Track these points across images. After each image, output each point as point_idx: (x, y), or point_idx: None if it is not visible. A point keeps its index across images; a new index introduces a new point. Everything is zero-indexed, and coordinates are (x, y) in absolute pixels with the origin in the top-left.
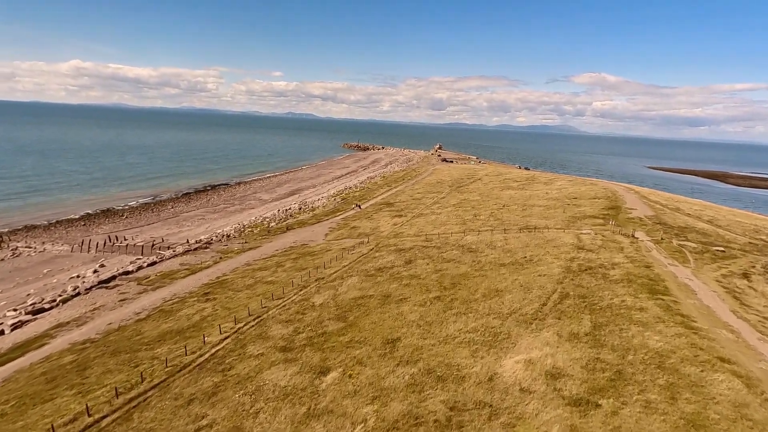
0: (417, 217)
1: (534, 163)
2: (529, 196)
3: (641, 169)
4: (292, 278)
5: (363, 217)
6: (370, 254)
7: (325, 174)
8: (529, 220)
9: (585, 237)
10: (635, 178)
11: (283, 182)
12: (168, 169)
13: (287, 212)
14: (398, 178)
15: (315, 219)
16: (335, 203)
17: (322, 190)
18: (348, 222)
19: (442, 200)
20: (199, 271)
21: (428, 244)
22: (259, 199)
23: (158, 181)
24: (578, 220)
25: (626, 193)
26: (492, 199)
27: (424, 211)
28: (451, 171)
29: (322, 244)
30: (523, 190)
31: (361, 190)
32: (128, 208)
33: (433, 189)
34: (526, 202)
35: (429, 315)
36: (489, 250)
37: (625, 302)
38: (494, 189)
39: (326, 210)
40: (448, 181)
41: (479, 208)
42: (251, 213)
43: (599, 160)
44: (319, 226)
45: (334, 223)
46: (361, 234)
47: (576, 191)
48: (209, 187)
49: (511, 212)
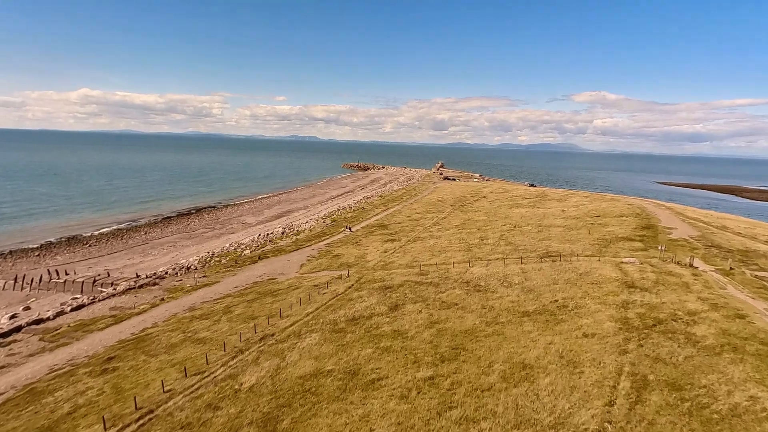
0: (412, 241)
1: (539, 180)
2: (544, 215)
3: (650, 184)
4: (233, 333)
5: (350, 243)
6: (347, 294)
7: (320, 194)
8: (549, 245)
9: (629, 268)
10: (647, 193)
11: (273, 204)
12: (156, 192)
13: (268, 237)
14: (396, 198)
15: (295, 245)
16: (323, 226)
17: (314, 211)
18: (332, 249)
19: (443, 221)
20: (126, 320)
21: (423, 278)
22: (243, 222)
23: (142, 204)
24: (610, 243)
25: (657, 209)
26: (500, 218)
27: (421, 234)
28: (453, 189)
29: (292, 278)
30: (534, 207)
31: (354, 210)
32: (97, 235)
33: (433, 208)
34: (540, 222)
35: (413, 421)
36: (503, 288)
37: (758, 400)
38: (502, 207)
39: (311, 234)
40: (450, 199)
41: (486, 229)
42: (229, 238)
43: (606, 177)
44: (297, 253)
45: (316, 250)
46: (343, 264)
47: (597, 208)
48: (194, 210)
49: (525, 234)
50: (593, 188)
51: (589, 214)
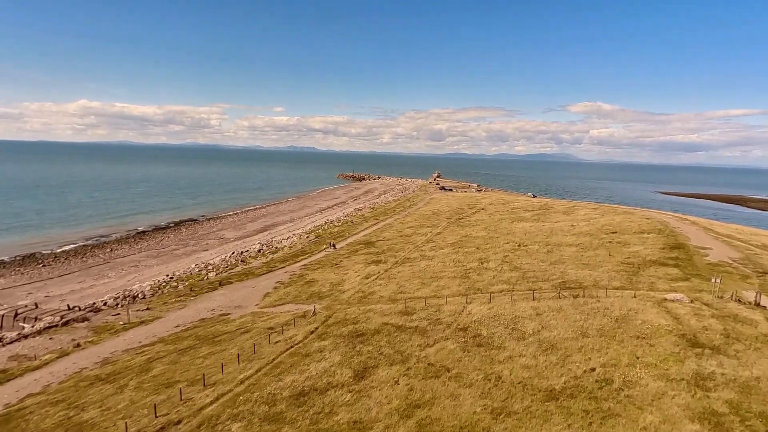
0: (400, 264)
1: (538, 190)
2: (551, 231)
3: (652, 194)
4: (128, 415)
5: (329, 265)
6: (305, 345)
7: (310, 206)
8: (564, 270)
9: (680, 310)
10: (650, 203)
11: (259, 217)
12: (138, 206)
13: (242, 256)
14: (389, 210)
15: (268, 267)
16: (306, 242)
17: (299, 225)
18: (307, 272)
19: (437, 237)
20: (14, 379)
21: (407, 320)
22: (221, 237)
23: (119, 219)
24: (639, 269)
25: (680, 224)
26: (502, 234)
27: (411, 254)
28: (449, 200)
29: (248, 315)
30: (539, 221)
31: (342, 224)
32: (58, 253)
33: (427, 222)
34: (548, 240)
35: None
36: (513, 341)
37: None
38: (503, 221)
39: (290, 252)
40: (446, 211)
41: (486, 249)
42: (199, 257)
43: (606, 186)
44: (267, 278)
45: (289, 273)
46: (314, 295)
47: (611, 223)
48: (173, 225)
49: (532, 255)
50: (595, 198)
51: (603, 230)
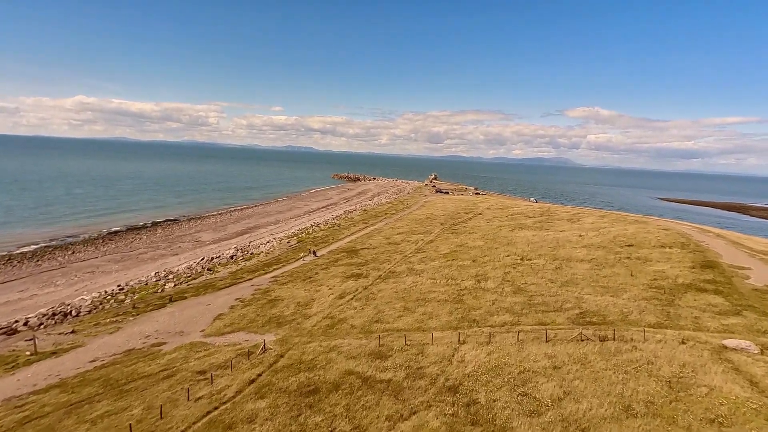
0: (383, 279)
1: (536, 194)
2: (557, 241)
3: (653, 200)
4: None
5: (301, 278)
6: (232, 409)
7: (299, 207)
8: (580, 295)
9: (752, 367)
10: (652, 210)
11: (243, 218)
12: (118, 204)
13: (211, 262)
14: (380, 213)
15: (234, 277)
16: (285, 248)
17: (284, 228)
18: (274, 286)
19: (428, 246)
20: None
21: (378, 371)
22: (197, 240)
23: (94, 217)
24: (673, 296)
25: (704, 236)
26: (501, 245)
27: (397, 267)
28: (445, 203)
29: (184, 347)
30: (543, 230)
31: (329, 228)
32: (13, 254)
33: (419, 227)
34: (555, 253)
35: None
36: (523, 418)
37: None
38: (502, 228)
39: (265, 259)
40: (441, 216)
41: (484, 262)
42: (165, 263)
43: (605, 192)
44: (226, 293)
45: (255, 287)
46: (273, 320)
47: (624, 233)
48: (150, 225)
49: (539, 273)
50: (595, 204)
51: (617, 242)
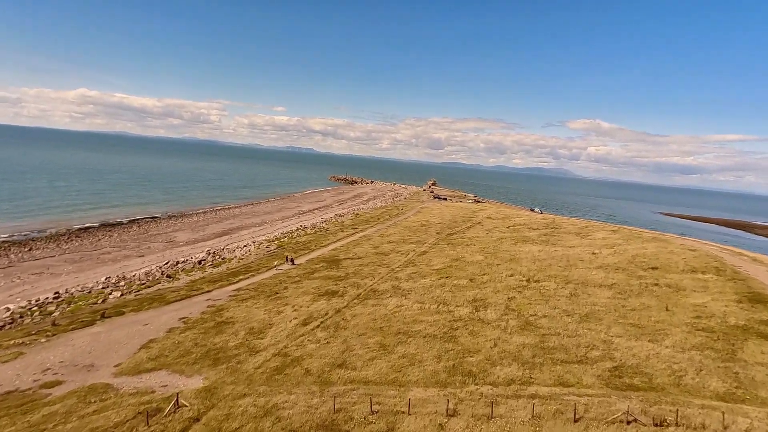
0: (362, 301)
1: (536, 204)
2: (567, 259)
3: (655, 215)
4: None
5: (266, 293)
6: None
7: (289, 208)
8: (608, 337)
9: None
10: (654, 224)
11: (228, 217)
12: (100, 198)
13: (175, 267)
14: (373, 218)
15: (191, 288)
16: (263, 253)
17: (269, 229)
18: (231, 303)
19: (420, 259)
20: None
21: None
22: (170, 240)
23: (68, 212)
24: (733, 343)
25: (737, 259)
26: (503, 260)
27: (381, 284)
28: (442, 210)
29: (79, 392)
30: (549, 244)
31: (316, 232)
32: None
33: (412, 236)
34: (568, 274)
35: None
36: None
37: None
38: (504, 241)
39: (236, 266)
40: (437, 223)
41: (483, 281)
42: (125, 266)
43: (606, 204)
44: (174, 308)
45: (210, 302)
46: (212, 353)
47: (643, 253)
48: (127, 222)
49: (550, 300)
50: (597, 216)
51: (638, 263)
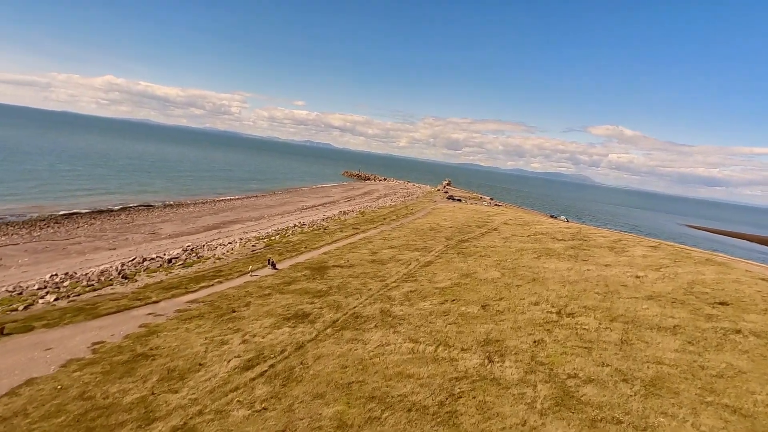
0: (338, 329)
1: (556, 210)
2: (605, 283)
3: (681, 227)
4: None
5: (219, 312)
6: None
7: (294, 203)
8: None
9: None
10: (683, 237)
11: (225, 209)
12: (97, 183)
13: (139, 265)
14: (379, 217)
15: (134, 297)
16: (246, 252)
17: (264, 225)
18: (166, 325)
19: (423, 271)
20: None
21: None
22: (154, 232)
23: (59, 196)
24: None
25: None
26: (525, 280)
27: (367, 306)
28: (455, 212)
29: None
30: (580, 261)
31: (312, 230)
32: None
33: (418, 241)
34: (609, 306)
35: None
36: None
37: None
38: (524, 253)
39: (205, 269)
40: (448, 227)
41: (500, 311)
42: (89, 259)
43: (628, 213)
44: (94, 326)
45: (148, 318)
46: (86, 417)
47: (700, 279)
48: (117, 209)
49: (593, 350)
50: (620, 226)
51: (697, 294)
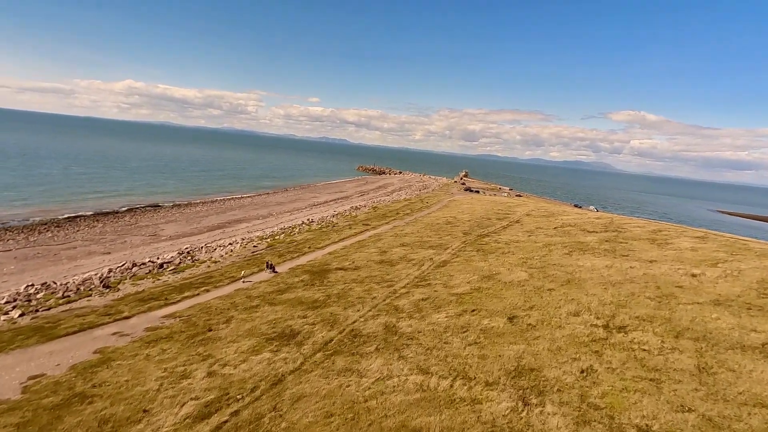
0: (329, 355)
1: (578, 199)
2: (655, 284)
3: (713, 213)
4: None
5: (194, 331)
6: None
7: (305, 199)
8: None
9: None
10: (717, 224)
11: (234, 208)
12: (108, 185)
13: (127, 272)
14: (392, 211)
15: (105, 311)
16: (247, 254)
17: (272, 223)
18: (124, 352)
19: (437, 273)
20: None
21: None
22: (154, 234)
23: (68, 199)
24: None
25: None
26: (558, 283)
27: (369, 321)
28: (473, 204)
29: None
30: (618, 256)
31: (320, 228)
32: None
33: (433, 236)
34: (669, 315)
35: None
36: None
37: None
38: (553, 249)
39: (200, 273)
40: (466, 221)
41: (532, 324)
42: (79, 265)
43: (655, 201)
44: (47, 350)
45: (109, 340)
46: None
47: None
48: (123, 210)
49: (663, 382)
50: (648, 214)
51: None
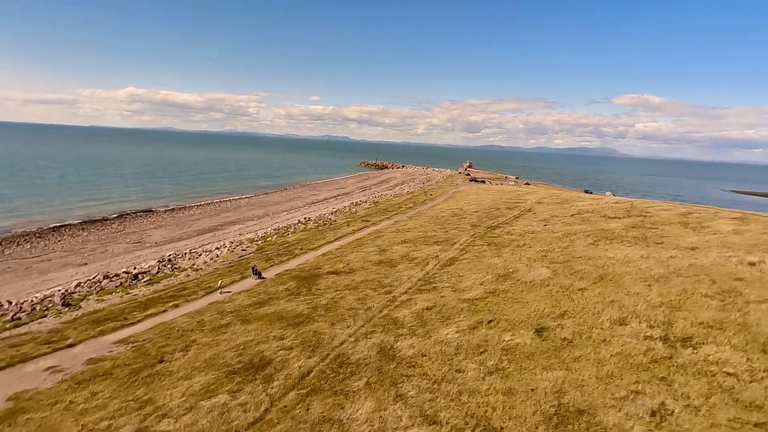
0: (303, 397)
1: (586, 185)
2: (709, 278)
3: (727, 194)
4: None
5: (135, 370)
6: None
7: (304, 197)
8: None
9: None
10: (733, 204)
11: (229, 209)
12: (102, 191)
13: (97, 285)
14: (394, 206)
15: (41, 342)
16: (234, 258)
17: (266, 223)
18: (39, 402)
19: (444, 273)
20: None
21: None
22: (140, 240)
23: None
24: None
25: None
26: (588, 279)
27: (360, 342)
28: (480, 194)
29: None
30: (653, 244)
31: (316, 227)
32: None
33: (439, 230)
34: (741, 320)
35: None
36: None
37: None
38: (575, 238)
39: (175, 284)
40: (474, 212)
41: (567, 341)
42: (48, 279)
43: (666, 183)
44: None
45: (33, 381)
46: None
47: None
48: (113, 217)
49: None
50: (661, 196)
51: None
